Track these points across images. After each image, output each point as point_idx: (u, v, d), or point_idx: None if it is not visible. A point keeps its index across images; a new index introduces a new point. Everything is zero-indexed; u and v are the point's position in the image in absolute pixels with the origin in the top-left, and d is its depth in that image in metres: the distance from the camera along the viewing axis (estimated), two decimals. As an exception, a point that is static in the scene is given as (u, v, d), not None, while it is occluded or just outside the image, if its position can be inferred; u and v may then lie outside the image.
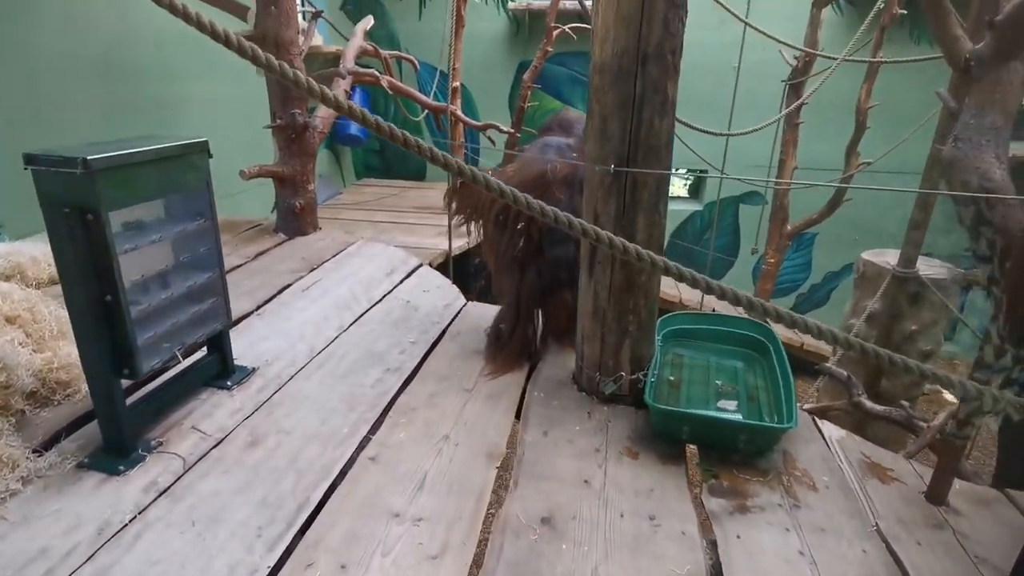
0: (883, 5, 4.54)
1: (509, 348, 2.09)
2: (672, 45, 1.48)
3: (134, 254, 1.46)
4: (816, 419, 1.83)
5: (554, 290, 2.09)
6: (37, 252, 2.60)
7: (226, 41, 1.25)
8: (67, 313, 1.94)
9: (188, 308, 1.69)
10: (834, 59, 4.45)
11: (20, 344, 1.76)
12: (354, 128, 6.37)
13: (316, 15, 3.42)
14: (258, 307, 2.47)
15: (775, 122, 4.98)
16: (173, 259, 1.65)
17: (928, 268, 3.63)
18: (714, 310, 5.78)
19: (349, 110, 1.27)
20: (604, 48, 1.50)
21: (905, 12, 4.77)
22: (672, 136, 1.58)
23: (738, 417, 1.67)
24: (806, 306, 6.99)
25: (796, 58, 5.16)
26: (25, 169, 1.32)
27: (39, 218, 3.17)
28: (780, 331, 5.93)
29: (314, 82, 1.28)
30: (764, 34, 4.24)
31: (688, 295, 5.85)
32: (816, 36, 5.18)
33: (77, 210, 1.32)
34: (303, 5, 3.20)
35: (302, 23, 3.22)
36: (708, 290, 1.33)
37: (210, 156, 1.66)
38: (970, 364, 1.82)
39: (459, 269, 4.65)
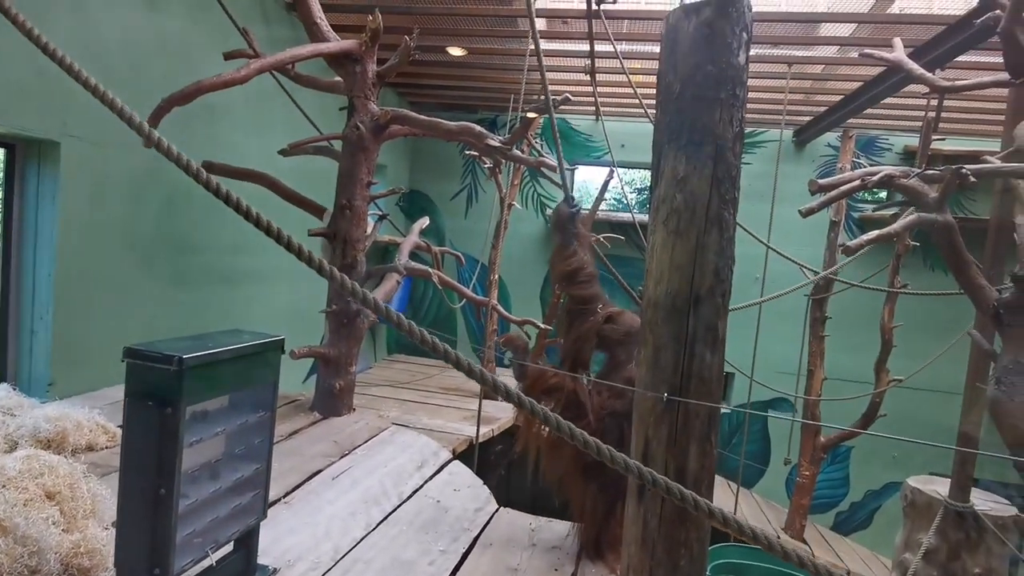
0: (895, 240, 4.92)
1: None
2: (722, 290, 1.62)
3: (197, 446, 1.50)
4: None
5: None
6: (82, 417, 2.66)
7: (296, 251, 1.43)
8: (103, 490, 1.96)
9: (230, 502, 1.67)
10: (852, 284, 4.72)
11: (54, 523, 1.73)
12: (394, 307, 6.73)
13: (382, 217, 3.85)
14: (287, 494, 2.42)
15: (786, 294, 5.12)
16: (227, 450, 1.67)
17: (983, 502, 3.42)
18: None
19: (387, 315, 1.40)
20: (658, 287, 1.64)
21: (918, 244, 5.13)
22: (723, 371, 1.64)
23: None
24: (847, 526, 6.50)
25: (817, 272, 5.47)
26: (123, 362, 1.42)
27: (87, 377, 3.26)
28: (823, 555, 5.44)
29: (360, 288, 1.41)
30: (784, 256, 4.58)
31: (719, 499, 5.52)
32: (834, 257, 5.54)
33: (159, 404, 1.39)
34: (371, 208, 3.61)
35: (369, 223, 3.60)
36: (769, 548, 1.29)
37: (283, 352, 1.77)
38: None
39: (480, 454, 4.55)
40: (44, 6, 2.92)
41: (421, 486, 2.66)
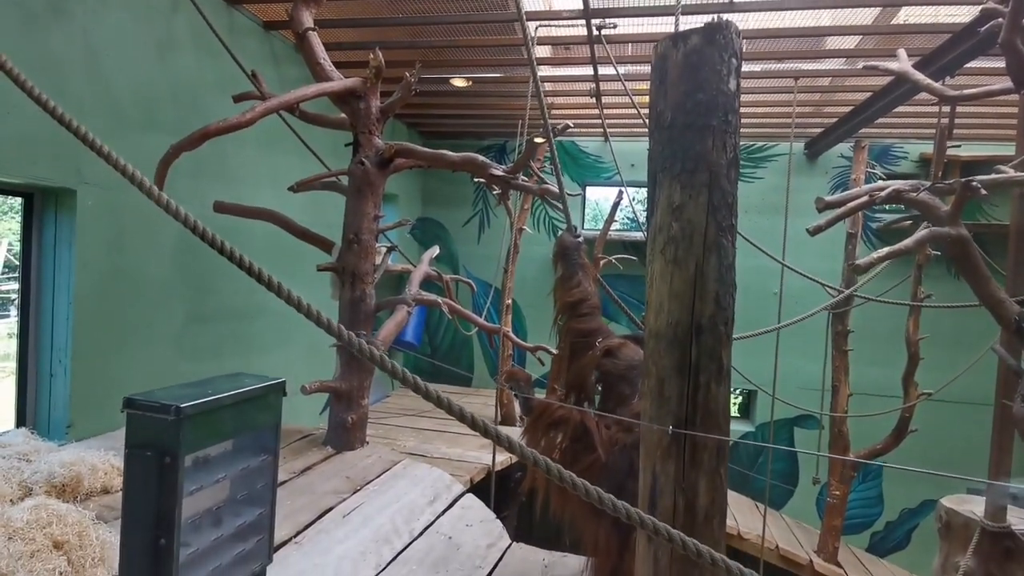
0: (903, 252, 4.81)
1: None
2: (724, 318, 1.58)
3: (198, 494, 1.50)
4: None
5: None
6: (97, 460, 2.68)
7: (299, 306, 1.42)
8: (112, 537, 1.96)
9: (233, 548, 1.65)
10: (871, 299, 4.60)
11: (61, 573, 1.74)
12: (409, 335, 6.74)
13: (391, 249, 3.87)
14: (297, 533, 2.40)
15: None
16: (229, 496, 1.66)
17: (1021, 521, 3.27)
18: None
19: (392, 369, 1.40)
20: (659, 318, 1.61)
21: (939, 253, 5.00)
22: (729, 402, 1.60)
23: None
24: (883, 547, 6.25)
25: (837, 290, 5.35)
26: (122, 412, 1.43)
27: (105, 418, 3.28)
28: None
29: (364, 344, 1.39)
30: (798, 272, 4.49)
31: (746, 527, 5.35)
32: (852, 271, 5.42)
33: (158, 454, 1.40)
34: (380, 240, 3.63)
35: (379, 250, 3.61)
36: None
37: (284, 394, 1.77)
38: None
39: (500, 482, 4.48)
40: (61, 62, 3.03)
41: (433, 522, 2.62)
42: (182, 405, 1.40)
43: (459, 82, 5.35)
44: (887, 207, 6.53)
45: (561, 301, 2.22)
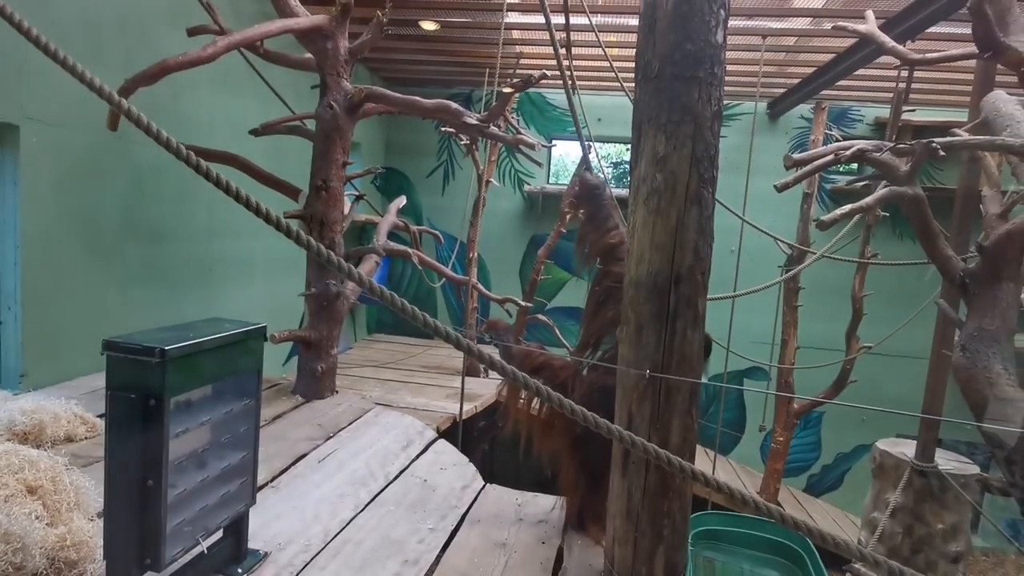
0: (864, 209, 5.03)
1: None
2: (702, 267, 1.65)
3: (183, 436, 1.49)
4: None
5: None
6: (59, 408, 2.60)
7: (276, 224, 1.41)
8: (85, 481, 1.94)
9: (218, 490, 1.67)
10: (824, 255, 4.80)
11: (37, 518, 1.71)
12: (372, 287, 6.68)
13: (359, 198, 3.79)
14: (273, 478, 2.42)
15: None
16: (213, 439, 1.66)
17: (947, 462, 3.59)
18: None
19: (378, 293, 1.41)
20: (639, 267, 1.67)
21: (887, 214, 5.25)
22: (703, 346, 1.68)
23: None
24: (819, 488, 6.75)
25: (791, 247, 5.58)
26: (102, 355, 1.40)
27: (61, 367, 3.17)
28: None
29: (344, 262, 1.41)
30: (760, 230, 4.64)
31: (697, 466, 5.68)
32: (807, 230, 5.64)
33: (142, 396, 1.38)
34: (347, 188, 3.55)
35: (347, 204, 3.55)
36: (744, 503, 1.35)
37: (265, 340, 1.76)
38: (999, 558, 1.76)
39: (464, 431, 4.59)
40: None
41: (407, 466, 2.69)
42: (167, 348, 1.38)
43: (429, 25, 5.16)
44: (840, 169, 6.77)
45: (599, 243, 2.19)
